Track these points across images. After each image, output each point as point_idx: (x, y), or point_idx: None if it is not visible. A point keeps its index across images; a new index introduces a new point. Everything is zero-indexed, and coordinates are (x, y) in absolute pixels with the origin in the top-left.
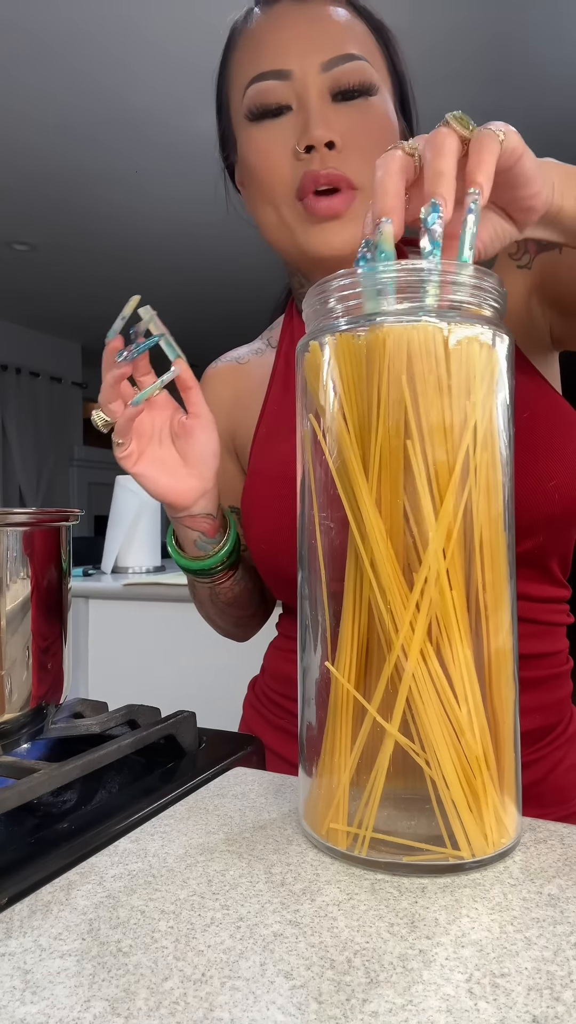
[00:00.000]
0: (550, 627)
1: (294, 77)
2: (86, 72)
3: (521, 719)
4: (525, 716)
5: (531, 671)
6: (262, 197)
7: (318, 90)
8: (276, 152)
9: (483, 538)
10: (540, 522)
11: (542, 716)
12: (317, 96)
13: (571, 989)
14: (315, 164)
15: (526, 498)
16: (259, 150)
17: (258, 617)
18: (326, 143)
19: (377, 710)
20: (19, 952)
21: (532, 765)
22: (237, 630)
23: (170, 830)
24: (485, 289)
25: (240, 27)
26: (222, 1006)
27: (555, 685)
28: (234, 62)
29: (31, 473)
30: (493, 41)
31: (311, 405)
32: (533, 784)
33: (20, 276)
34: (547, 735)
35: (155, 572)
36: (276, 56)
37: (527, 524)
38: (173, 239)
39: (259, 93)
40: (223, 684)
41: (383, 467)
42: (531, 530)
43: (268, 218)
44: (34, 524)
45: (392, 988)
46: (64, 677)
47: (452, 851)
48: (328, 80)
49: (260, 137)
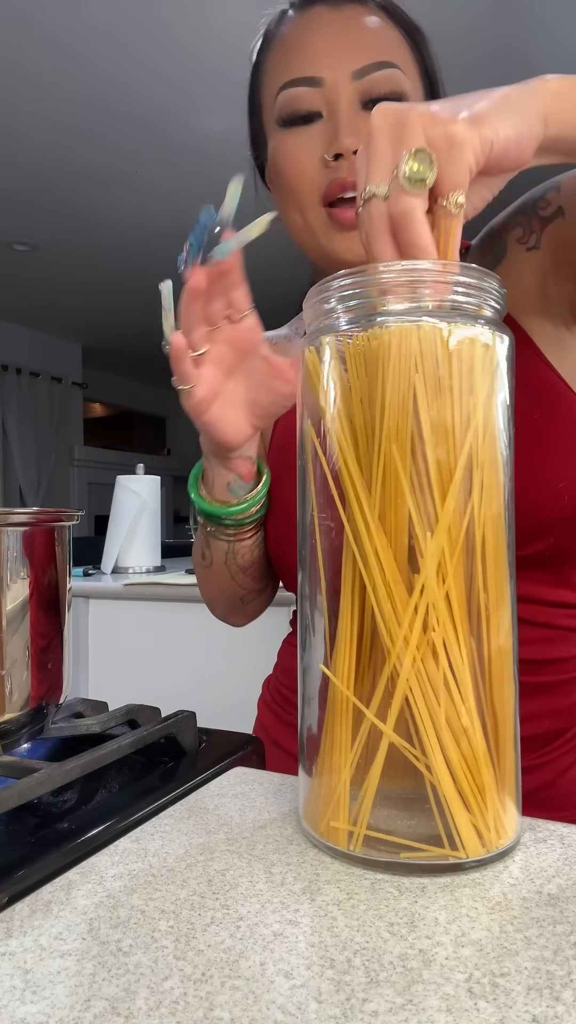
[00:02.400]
0: (563, 632)
1: (325, 84)
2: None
3: (532, 724)
4: (535, 721)
5: (543, 676)
6: (290, 201)
7: (348, 98)
8: (305, 159)
9: (483, 538)
10: (550, 524)
11: (552, 721)
12: (347, 104)
13: (571, 989)
14: (343, 172)
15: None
16: (288, 155)
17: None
18: (354, 151)
19: (376, 710)
20: (19, 952)
21: (541, 769)
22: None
23: (170, 830)
24: (485, 289)
25: (274, 31)
26: (222, 1006)
27: (567, 690)
28: (267, 65)
29: (31, 473)
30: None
31: (311, 406)
32: (542, 788)
33: (20, 276)
34: (557, 739)
35: (155, 572)
36: (308, 63)
37: (537, 526)
38: (173, 239)
39: (290, 100)
40: (223, 684)
41: (383, 467)
42: (541, 532)
43: (295, 222)
44: (34, 524)
45: (392, 988)
46: (64, 677)
47: (451, 851)
48: (359, 88)
49: (290, 143)
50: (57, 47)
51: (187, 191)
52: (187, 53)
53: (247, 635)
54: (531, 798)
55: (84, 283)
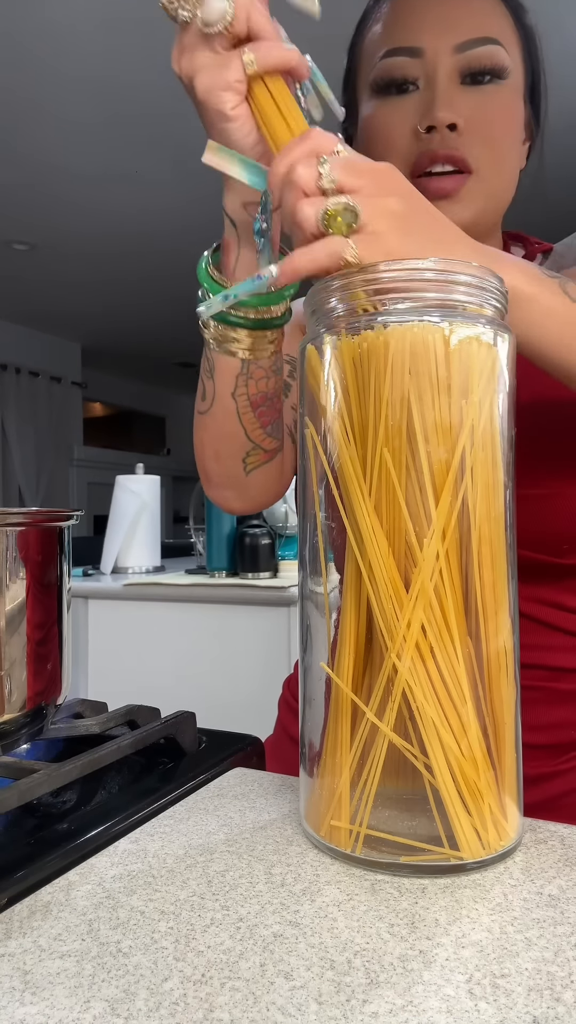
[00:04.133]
0: None
1: (425, 56)
2: (86, 72)
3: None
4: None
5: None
6: None
7: (447, 71)
8: (397, 128)
9: (483, 537)
10: None
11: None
12: (446, 77)
13: (571, 990)
14: (434, 144)
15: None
16: (380, 125)
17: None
18: (448, 124)
19: (376, 710)
20: (19, 952)
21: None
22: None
23: (170, 830)
24: (487, 288)
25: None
26: (222, 1007)
27: None
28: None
29: (31, 473)
30: None
31: (311, 405)
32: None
33: (20, 276)
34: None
35: (155, 572)
36: (411, 33)
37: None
38: (173, 238)
39: (389, 67)
40: (222, 684)
41: (383, 467)
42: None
43: None
44: (33, 524)
45: (392, 989)
46: (64, 677)
47: (452, 851)
48: (460, 62)
49: (382, 112)
50: (56, 47)
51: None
52: None
53: (248, 635)
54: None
55: (84, 283)
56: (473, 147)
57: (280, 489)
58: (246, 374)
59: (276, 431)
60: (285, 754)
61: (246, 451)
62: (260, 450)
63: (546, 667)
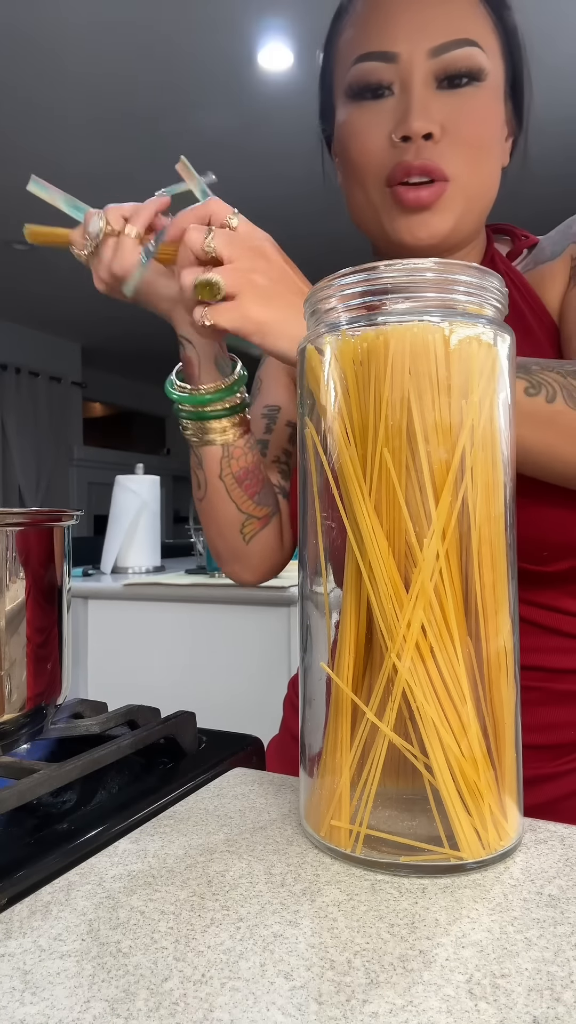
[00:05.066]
0: None
1: (400, 60)
2: (86, 72)
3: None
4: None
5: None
6: (353, 177)
7: (423, 76)
8: (372, 136)
9: (483, 538)
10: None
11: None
12: (421, 83)
13: (571, 990)
14: (410, 155)
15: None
16: (355, 132)
17: (266, 534)
18: (424, 135)
19: (376, 710)
20: (19, 953)
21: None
22: (242, 553)
23: (170, 830)
24: (487, 288)
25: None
26: (222, 1007)
27: None
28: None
29: (31, 473)
30: None
31: (311, 405)
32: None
33: (20, 276)
34: None
35: (155, 572)
36: (384, 37)
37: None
38: None
39: (363, 72)
40: (223, 684)
41: (383, 467)
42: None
43: (357, 198)
44: (33, 524)
45: (392, 989)
46: (64, 677)
47: (452, 852)
48: (435, 66)
49: (357, 118)
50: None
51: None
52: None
53: (247, 635)
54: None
55: (84, 283)
56: (450, 154)
57: (281, 557)
58: (227, 456)
59: (264, 499)
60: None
61: (241, 522)
62: (253, 519)
63: (541, 668)
